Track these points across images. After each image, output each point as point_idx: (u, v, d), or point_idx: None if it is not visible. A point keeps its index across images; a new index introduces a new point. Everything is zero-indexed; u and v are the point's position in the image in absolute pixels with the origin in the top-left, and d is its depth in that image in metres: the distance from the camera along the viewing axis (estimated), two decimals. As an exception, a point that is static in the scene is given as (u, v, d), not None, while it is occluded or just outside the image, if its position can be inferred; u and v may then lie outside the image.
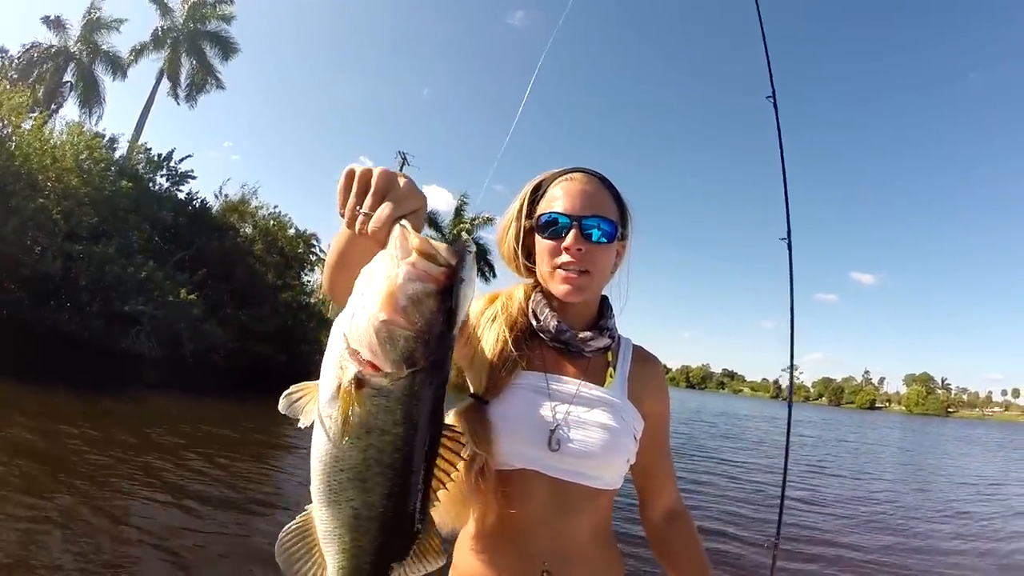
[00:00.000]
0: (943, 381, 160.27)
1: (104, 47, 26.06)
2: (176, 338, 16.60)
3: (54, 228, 15.20)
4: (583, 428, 1.22)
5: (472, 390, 1.26)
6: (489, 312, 1.34)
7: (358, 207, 0.83)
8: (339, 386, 0.74)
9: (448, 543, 1.35)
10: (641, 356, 1.41)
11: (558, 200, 1.27)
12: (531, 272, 1.36)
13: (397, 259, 0.75)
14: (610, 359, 1.34)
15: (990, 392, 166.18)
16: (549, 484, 1.20)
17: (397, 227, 0.78)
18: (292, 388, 0.82)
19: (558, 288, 1.27)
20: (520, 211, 1.34)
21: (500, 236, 1.39)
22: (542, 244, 1.29)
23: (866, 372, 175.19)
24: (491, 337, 1.28)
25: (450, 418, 1.17)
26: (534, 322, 1.32)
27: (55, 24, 25.24)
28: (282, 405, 0.81)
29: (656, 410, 1.38)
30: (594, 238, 1.25)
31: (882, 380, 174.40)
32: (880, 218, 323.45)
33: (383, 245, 0.79)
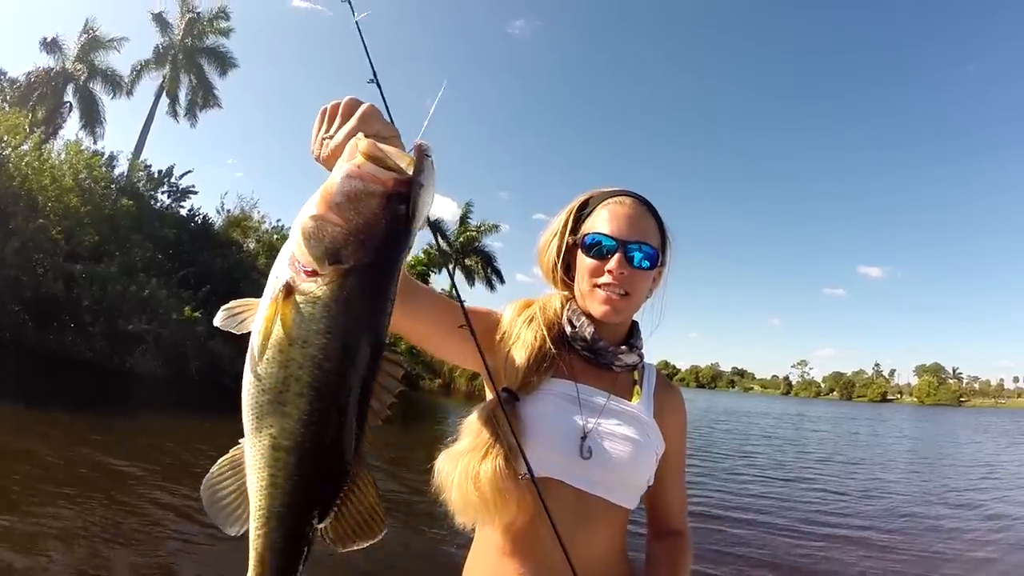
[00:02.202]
0: (954, 371, 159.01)
1: (102, 66, 26.06)
2: (181, 356, 16.44)
3: (55, 248, 15.09)
4: (612, 440, 1.22)
5: (504, 386, 1.24)
6: (527, 313, 1.34)
7: (325, 136, 0.83)
8: (272, 296, 0.69)
9: (463, 549, 1.32)
10: (664, 383, 1.42)
11: (605, 222, 1.29)
12: (568, 286, 1.38)
13: (344, 162, 0.70)
14: (636, 377, 1.37)
15: (1002, 380, 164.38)
16: (572, 496, 1.19)
17: (352, 140, 0.72)
18: (233, 302, 0.75)
19: (597, 307, 1.28)
20: (565, 226, 1.36)
21: (542, 248, 1.41)
22: (584, 263, 1.30)
23: (876, 365, 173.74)
24: (529, 335, 1.28)
25: (483, 411, 1.18)
26: (568, 329, 1.33)
27: (52, 46, 25.25)
28: (218, 318, 0.74)
29: (674, 435, 1.38)
30: (636, 263, 1.27)
31: (893, 372, 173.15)
32: (886, 211, 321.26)
33: None
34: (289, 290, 0.68)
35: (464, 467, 1.12)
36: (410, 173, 0.69)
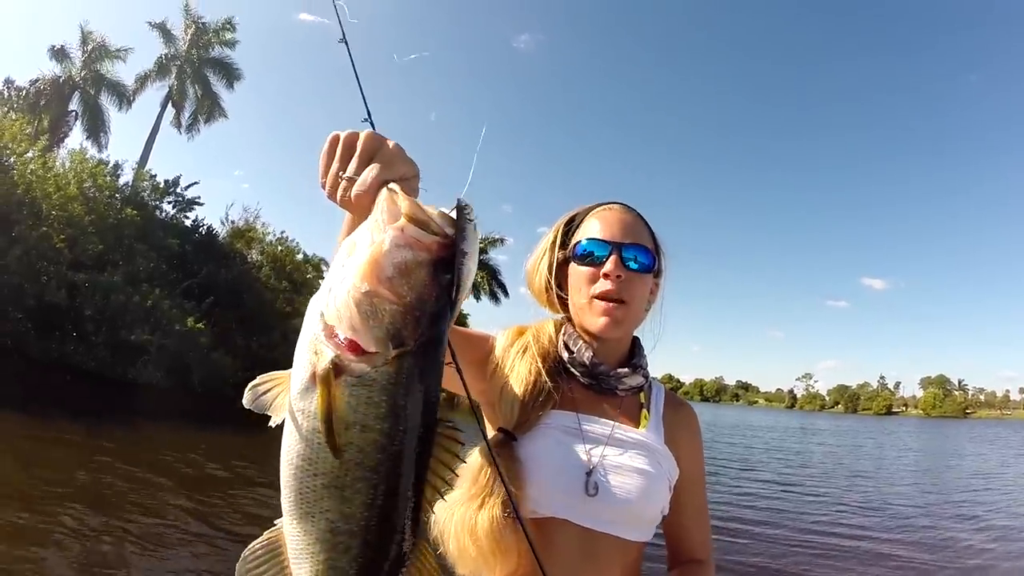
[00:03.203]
0: (960, 382, 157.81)
1: (108, 75, 26.15)
2: (184, 367, 16.36)
3: (58, 257, 15.05)
4: (619, 473, 1.14)
5: (500, 424, 1.17)
6: (520, 343, 1.27)
7: (342, 172, 0.75)
8: (313, 374, 0.64)
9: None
10: (674, 400, 1.35)
11: (596, 228, 1.24)
12: (563, 307, 1.31)
13: (384, 224, 0.65)
14: (643, 400, 1.28)
15: (1007, 391, 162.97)
16: (579, 535, 1.12)
17: (384, 191, 0.68)
18: (259, 379, 0.71)
19: (594, 321, 1.21)
20: (554, 243, 1.30)
21: (531, 269, 1.34)
22: (578, 272, 1.24)
23: (881, 377, 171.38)
24: (523, 368, 1.21)
25: (477, 455, 1.09)
26: (565, 355, 1.25)
27: (60, 54, 25.36)
28: (247, 399, 0.70)
29: (690, 458, 1.29)
30: (633, 266, 1.21)
31: (898, 384, 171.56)
32: (888, 222, 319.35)
33: (368, 214, 0.68)
34: (338, 369, 0.63)
35: (460, 517, 1.06)
36: (452, 234, 0.66)
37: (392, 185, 0.69)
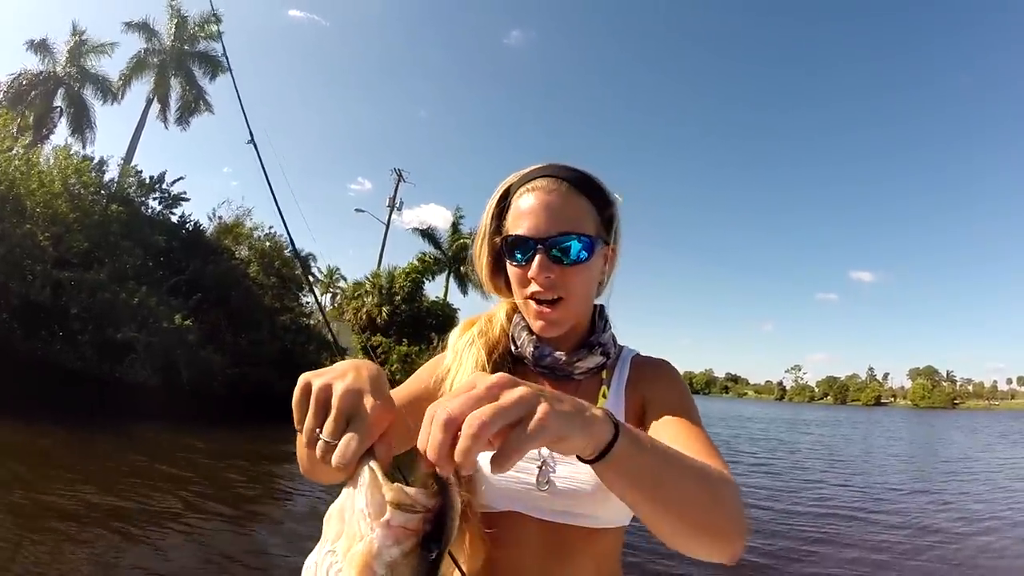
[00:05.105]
0: (948, 374, 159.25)
1: (93, 70, 25.83)
2: (172, 365, 16.20)
3: (43, 255, 14.84)
4: (570, 464, 1.05)
5: None
6: (466, 338, 1.20)
7: (318, 430, 0.70)
8: None
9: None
10: (642, 363, 1.22)
11: (520, 218, 1.10)
12: (510, 293, 1.19)
13: (369, 518, 0.63)
14: (604, 377, 1.18)
15: (995, 382, 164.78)
16: (539, 527, 1.06)
17: (366, 473, 0.65)
18: None
19: (533, 323, 1.14)
20: (487, 227, 1.18)
21: (474, 255, 1.23)
22: (511, 270, 1.13)
23: (870, 369, 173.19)
24: (469, 364, 1.14)
25: None
26: (513, 348, 1.19)
27: (41, 48, 24.99)
28: None
29: (664, 402, 1.12)
30: (566, 260, 1.07)
31: (886, 376, 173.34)
32: (877, 217, 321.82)
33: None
34: None
35: None
36: (434, 506, 0.63)
37: (373, 464, 0.66)
